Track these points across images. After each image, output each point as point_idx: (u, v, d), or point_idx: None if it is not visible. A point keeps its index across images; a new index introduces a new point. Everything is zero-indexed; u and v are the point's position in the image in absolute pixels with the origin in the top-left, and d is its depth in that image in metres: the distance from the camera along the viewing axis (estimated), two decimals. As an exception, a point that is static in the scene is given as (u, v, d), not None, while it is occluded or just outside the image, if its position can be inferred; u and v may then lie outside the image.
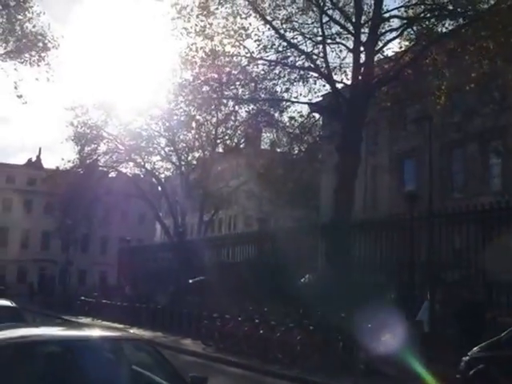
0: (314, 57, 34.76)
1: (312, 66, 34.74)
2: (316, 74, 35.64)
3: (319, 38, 34.39)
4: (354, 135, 31.70)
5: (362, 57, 32.99)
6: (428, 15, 32.45)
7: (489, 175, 43.18)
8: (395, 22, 33.29)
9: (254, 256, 35.05)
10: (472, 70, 32.37)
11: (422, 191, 48.34)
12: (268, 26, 33.99)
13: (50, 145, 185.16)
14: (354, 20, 33.09)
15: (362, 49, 33.10)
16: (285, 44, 34.39)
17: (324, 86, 36.94)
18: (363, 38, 33.16)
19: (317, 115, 40.98)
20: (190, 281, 38.96)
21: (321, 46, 34.43)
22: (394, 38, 33.62)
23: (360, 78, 32.52)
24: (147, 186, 68.75)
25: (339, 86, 35.11)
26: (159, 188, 71.16)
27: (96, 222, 66.73)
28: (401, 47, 34.62)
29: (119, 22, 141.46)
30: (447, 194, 45.77)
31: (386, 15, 33.01)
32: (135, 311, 39.90)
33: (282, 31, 34.21)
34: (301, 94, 37.89)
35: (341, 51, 35.43)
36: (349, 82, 34.50)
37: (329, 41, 34.69)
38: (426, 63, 33.20)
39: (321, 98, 39.98)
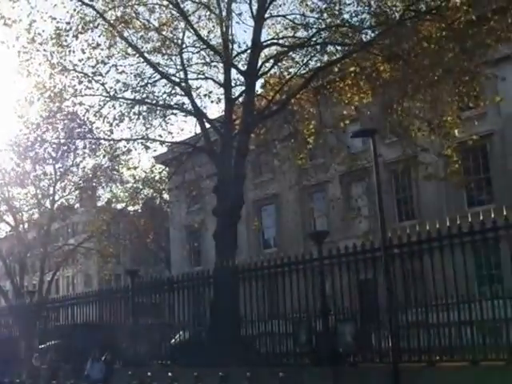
0: (180, 94, 32.57)
1: (179, 104, 32.58)
2: (183, 113, 33.35)
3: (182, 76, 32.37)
4: (236, 174, 29.44)
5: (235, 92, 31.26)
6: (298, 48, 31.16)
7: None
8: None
9: (123, 315, 31.33)
10: (344, 107, 31.50)
11: (282, 237, 47.73)
12: (134, 56, 31.56)
13: None
14: (222, 54, 31.09)
15: (234, 83, 31.61)
16: (149, 76, 32.14)
17: (183, 130, 34.90)
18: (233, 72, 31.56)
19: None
20: (41, 346, 34.95)
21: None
22: (266, 72, 31.83)
23: (241, 111, 30.72)
24: (-23, 247, 63.74)
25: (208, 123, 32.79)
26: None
27: None
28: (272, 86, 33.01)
29: None
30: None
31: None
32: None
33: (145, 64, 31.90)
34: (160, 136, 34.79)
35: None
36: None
37: (193, 76, 32.88)
38: (293, 102, 31.75)
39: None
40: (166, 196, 54.29)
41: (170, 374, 20.24)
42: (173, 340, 28.37)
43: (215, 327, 25.63)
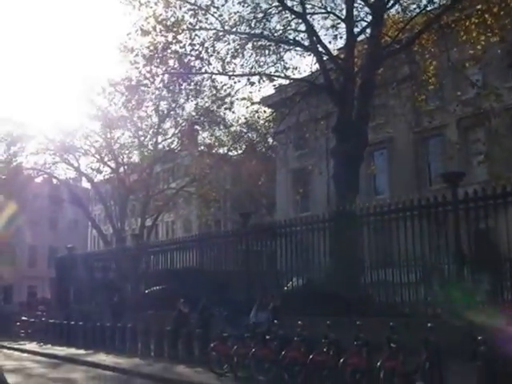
0: (298, 30, 31.00)
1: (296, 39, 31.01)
2: (300, 48, 31.76)
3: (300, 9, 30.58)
4: (360, 112, 27.80)
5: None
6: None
7: (471, 164, 39.44)
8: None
9: (231, 260, 29.97)
10: (472, 46, 29.46)
11: (395, 183, 45.98)
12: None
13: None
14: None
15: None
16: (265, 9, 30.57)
17: (296, 68, 33.29)
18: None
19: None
20: (146, 291, 34.25)
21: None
22: (391, 7, 29.90)
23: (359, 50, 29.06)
24: (79, 189, 63.73)
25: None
26: (91, 192, 66.62)
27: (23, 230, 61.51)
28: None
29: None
30: (424, 185, 42.88)
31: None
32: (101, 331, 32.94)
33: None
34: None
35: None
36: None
37: (311, 9, 31.17)
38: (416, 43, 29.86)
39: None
40: (269, 140, 53.15)
41: (299, 322, 18.74)
42: (286, 287, 27.14)
43: (335, 274, 24.23)
